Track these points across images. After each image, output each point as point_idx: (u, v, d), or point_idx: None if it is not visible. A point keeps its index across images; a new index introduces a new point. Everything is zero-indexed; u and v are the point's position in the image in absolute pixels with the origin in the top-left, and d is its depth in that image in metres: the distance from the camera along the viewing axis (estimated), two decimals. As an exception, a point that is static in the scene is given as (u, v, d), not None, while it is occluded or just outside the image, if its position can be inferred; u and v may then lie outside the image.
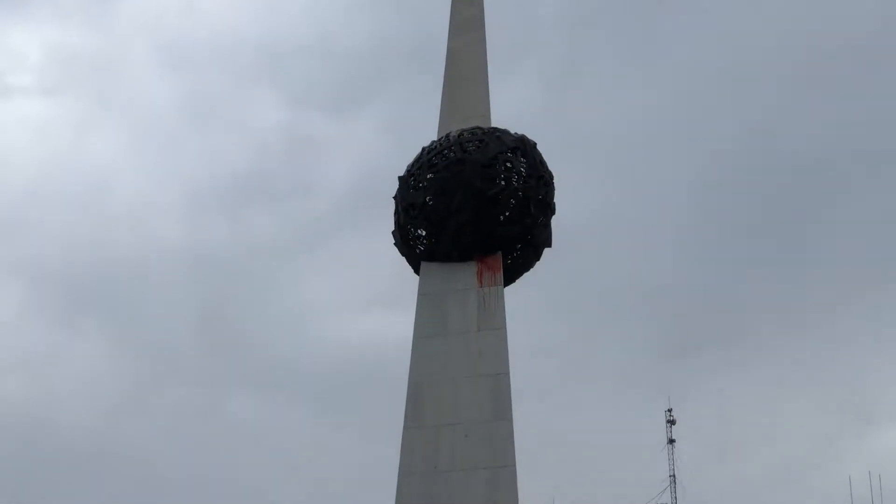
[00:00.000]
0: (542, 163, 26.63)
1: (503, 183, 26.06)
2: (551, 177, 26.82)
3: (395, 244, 27.40)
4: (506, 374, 25.86)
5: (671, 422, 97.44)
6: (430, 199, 26.24)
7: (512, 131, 26.81)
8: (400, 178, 27.10)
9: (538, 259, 27.15)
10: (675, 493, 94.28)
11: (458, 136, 26.53)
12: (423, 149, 27.05)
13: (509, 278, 26.90)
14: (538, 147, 26.76)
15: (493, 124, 27.21)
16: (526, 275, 27.23)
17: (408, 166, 27.00)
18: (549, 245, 27.18)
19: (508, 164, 26.13)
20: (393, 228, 27.22)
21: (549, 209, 26.75)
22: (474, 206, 25.90)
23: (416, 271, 27.13)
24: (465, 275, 26.63)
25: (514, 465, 25.42)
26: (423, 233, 26.59)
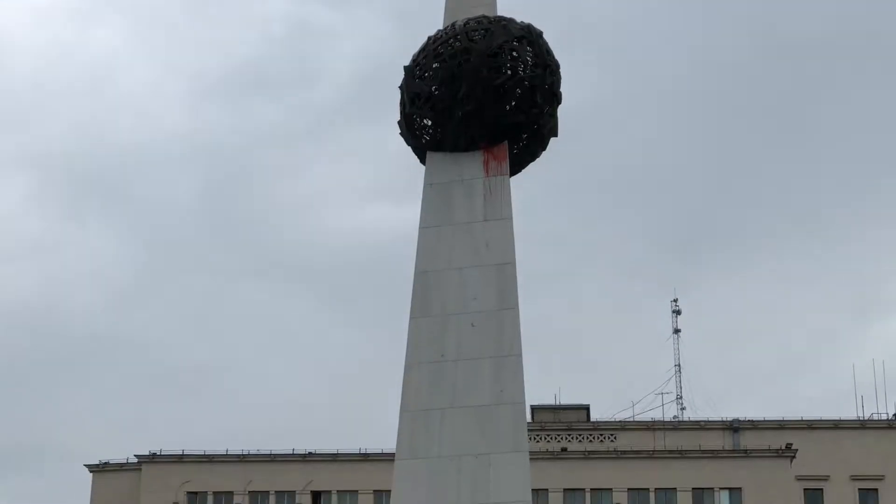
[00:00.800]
0: (549, 52, 26.47)
1: (509, 72, 25.94)
2: (557, 66, 26.68)
3: (400, 134, 27.36)
4: (512, 264, 26.00)
5: (676, 312, 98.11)
6: (435, 89, 26.14)
7: (518, 20, 26.59)
8: (405, 68, 26.96)
9: (544, 149, 27.12)
10: (681, 382, 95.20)
11: (464, 25, 26.35)
12: (429, 38, 26.88)
13: (515, 168, 26.89)
14: (544, 36, 26.56)
15: (499, 13, 26.97)
16: (532, 165, 27.22)
17: (413, 56, 26.84)
18: (556, 135, 27.13)
19: (514, 54, 25.99)
20: (398, 118, 27.15)
21: (556, 99, 26.65)
22: (480, 96, 25.81)
23: (422, 161, 27.13)
24: (471, 164, 26.65)
25: (521, 355, 25.65)
26: (429, 122, 26.56)
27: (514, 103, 25.97)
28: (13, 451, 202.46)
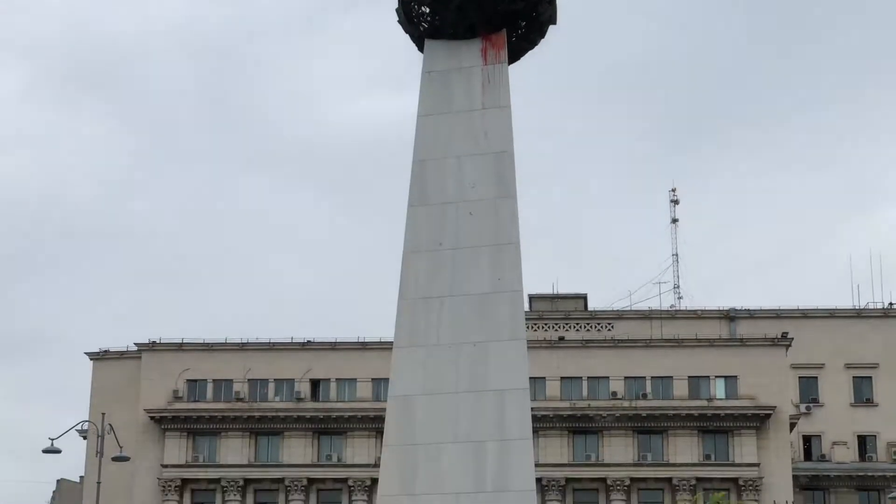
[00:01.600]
0: (548, -62, 26.09)
1: (507, -42, 25.61)
2: (556, -48, 26.31)
3: (398, 22, 27.08)
4: (510, 153, 25.95)
5: (675, 202, 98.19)
6: (433, -24, 25.85)
7: None
8: (403, -45, 26.59)
9: (543, 37, 26.85)
10: (678, 271, 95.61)
11: (463, -90, 25.94)
12: (427, -76, 26.47)
13: (514, 57, 26.67)
14: (544, -79, 26.14)
15: None
16: (530, 54, 26.99)
17: (411, -58, 26.44)
18: (554, 22, 26.84)
19: (513, -61, 25.63)
20: (396, 6, 26.86)
21: (554, -15, 26.34)
22: (478, -18, 25.51)
23: (421, 50, 26.90)
24: (469, 53, 26.45)
25: (518, 243, 25.70)
26: (427, 10, 26.29)
27: (512, -10, 25.69)
28: (14, 341, 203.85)
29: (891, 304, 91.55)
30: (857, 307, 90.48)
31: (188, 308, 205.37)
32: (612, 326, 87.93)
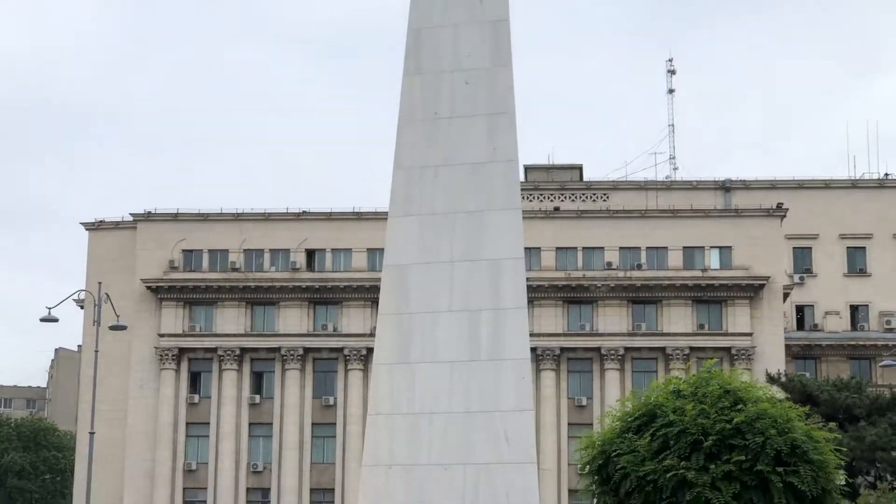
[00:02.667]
0: None
1: None
2: None
3: None
4: (506, 21, 25.62)
5: (671, 72, 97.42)
6: None
7: None
8: None
9: None
10: (674, 142, 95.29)
11: None
12: None
13: (510, -79, 26.16)
14: None
15: None
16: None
17: None
18: None
19: None
20: None
21: None
22: None
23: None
24: (465, -82, 25.92)
25: (514, 113, 25.51)
26: None
27: None
28: (10, 212, 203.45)
29: (886, 174, 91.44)
30: (852, 178, 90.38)
31: (183, 178, 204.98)
32: (608, 197, 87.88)
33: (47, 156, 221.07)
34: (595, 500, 13.80)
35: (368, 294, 76.96)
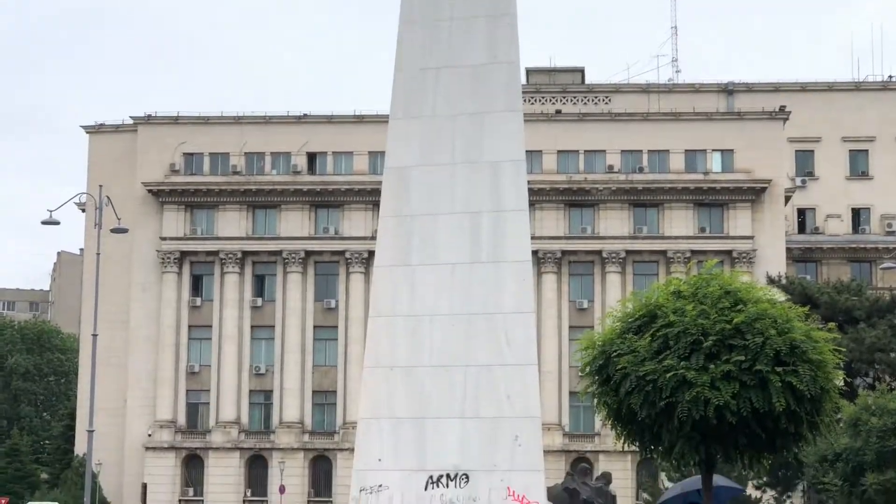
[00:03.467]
0: None
1: None
2: None
3: None
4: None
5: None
6: None
7: None
8: None
9: None
10: (677, 45, 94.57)
11: None
12: None
13: None
14: None
15: None
16: None
17: None
18: None
19: None
20: None
21: None
22: None
23: None
24: None
25: (515, 14, 25.36)
26: None
27: None
28: (10, 117, 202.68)
29: (890, 76, 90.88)
30: (855, 80, 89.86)
31: (184, 82, 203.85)
32: (610, 100, 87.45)
33: (48, 60, 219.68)
34: (595, 401, 13.92)
35: (369, 197, 76.93)
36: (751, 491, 47.86)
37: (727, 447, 13.45)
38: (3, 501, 65.58)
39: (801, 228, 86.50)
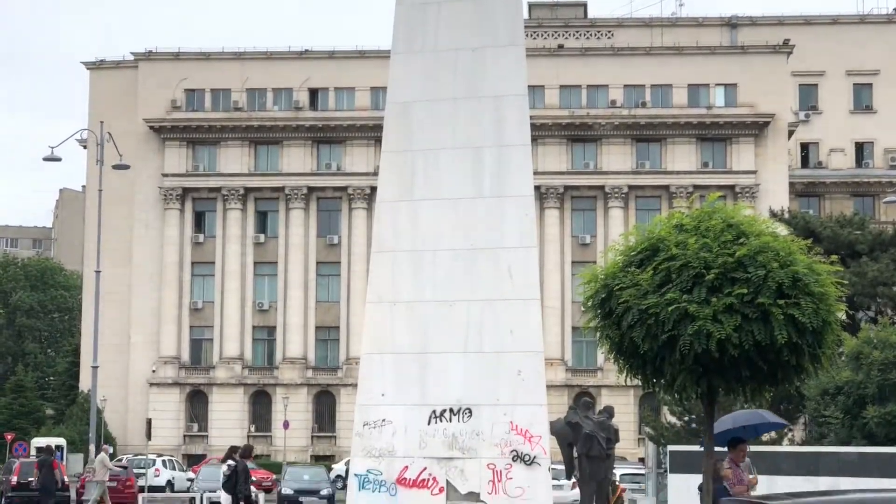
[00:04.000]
0: None
1: None
2: None
3: None
4: None
5: None
6: None
7: None
8: None
9: None
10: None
11: None
12: None
13: None
14: None
15: None
16: None
17: None
18: None
19: None
20: None
21: None
22: None
23: None
24: None
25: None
26: None
27: None
28: (9, 52, 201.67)
29: (895, 9, 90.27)
30: (860, 13, 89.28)
31: (185, 18, 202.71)
32: (612, 34, 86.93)
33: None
34: (598, 334, 13.95)
35: (372, 133, 76.75)
36: (752, 424, 48.06)
37: (729, 380, 13.47)
38: (8, 437, 66.03)
39: (805, 163, 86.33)
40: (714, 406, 14.11)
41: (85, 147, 79.31)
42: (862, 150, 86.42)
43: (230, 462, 23.33)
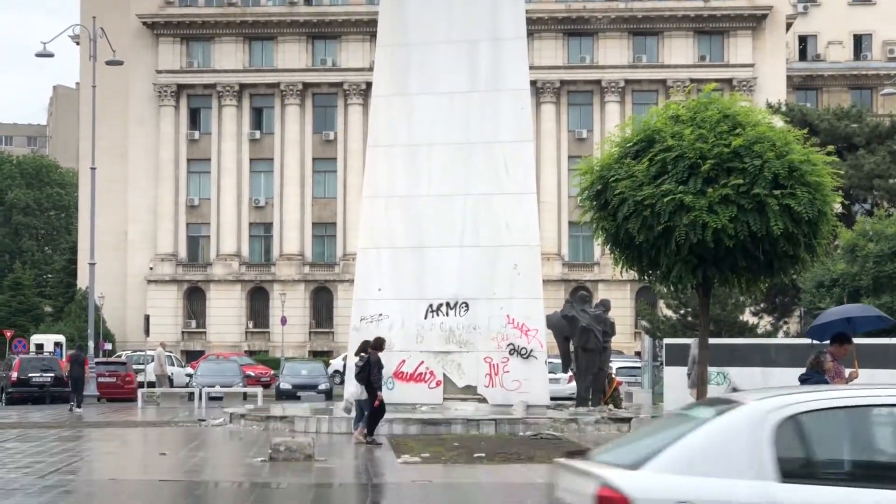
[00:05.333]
0: None
1: None
2: None
3: None
4: None
5: None
6: None
7: None
8: None
9: None
10: None
11: None
12: None
13: None
14: None
15: None
16: None
17: None
18: None
19: None
20: None
21: None
22: None
23: None
24: None
25: None
26: None
27: None
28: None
29: None
30: None
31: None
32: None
33: None
34: (593, 226, 13.94)
35: (367, 28, 76.04)
36: (748, 317, 48.41)
37: (724, 271, 13.49)
38: (7, 334, 66.41)
39: (803, 56, 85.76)
40: (709, 297, 14.16)
41: (78, 43, 78.57)
42: (860, 43, 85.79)
43: (363, 354, 24.48)
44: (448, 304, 31.44)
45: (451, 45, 31.92)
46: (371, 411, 24.46)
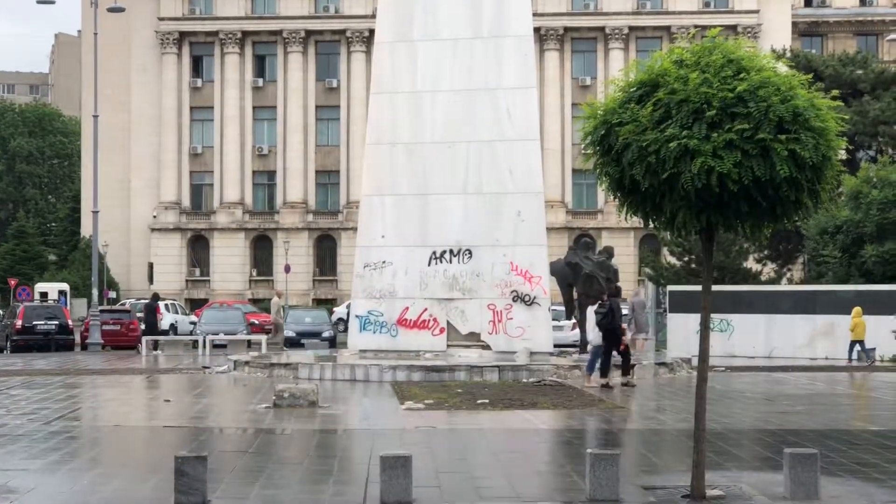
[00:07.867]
0: None
1: None
2: None
3: None
4: None
5: None
6: None
7: None
8: None
9: None
10: None
11: None
12: None
13: None
14: None
15: None
16: None
17: None
18: None
19: None
20: None
21: None
22: None
23: None
24: None
25: None
26: None
27: None
28: None
29: None
30: None
31: None
32: None
33: None
34: (597, 171, 13.86)
35: (369, -26, 75.65)
36: (751, 264, 48.41)
37: (728, 217, 13.42)
38: (12, 282, 66.53)
39: (808, 2, 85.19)
40: (713, 243, 14.09)
41: (79, -9, 78.11)
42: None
43: (603, 300, 25.47)
44: (451, 251, 31.47)
45: (454, -9, 31.72)
46: (618, 354, 25.41)
